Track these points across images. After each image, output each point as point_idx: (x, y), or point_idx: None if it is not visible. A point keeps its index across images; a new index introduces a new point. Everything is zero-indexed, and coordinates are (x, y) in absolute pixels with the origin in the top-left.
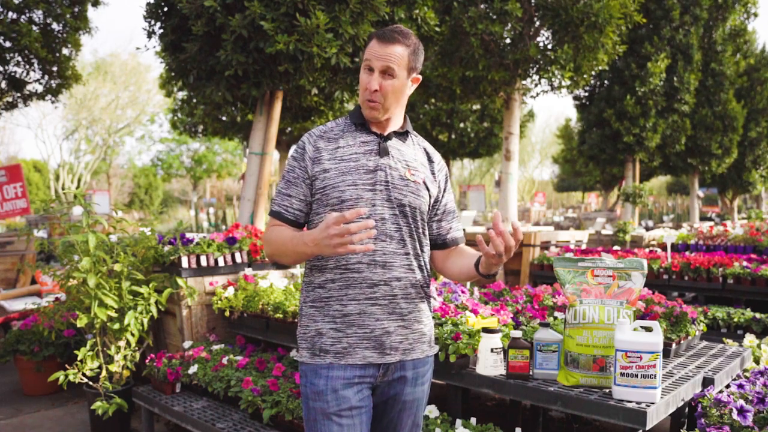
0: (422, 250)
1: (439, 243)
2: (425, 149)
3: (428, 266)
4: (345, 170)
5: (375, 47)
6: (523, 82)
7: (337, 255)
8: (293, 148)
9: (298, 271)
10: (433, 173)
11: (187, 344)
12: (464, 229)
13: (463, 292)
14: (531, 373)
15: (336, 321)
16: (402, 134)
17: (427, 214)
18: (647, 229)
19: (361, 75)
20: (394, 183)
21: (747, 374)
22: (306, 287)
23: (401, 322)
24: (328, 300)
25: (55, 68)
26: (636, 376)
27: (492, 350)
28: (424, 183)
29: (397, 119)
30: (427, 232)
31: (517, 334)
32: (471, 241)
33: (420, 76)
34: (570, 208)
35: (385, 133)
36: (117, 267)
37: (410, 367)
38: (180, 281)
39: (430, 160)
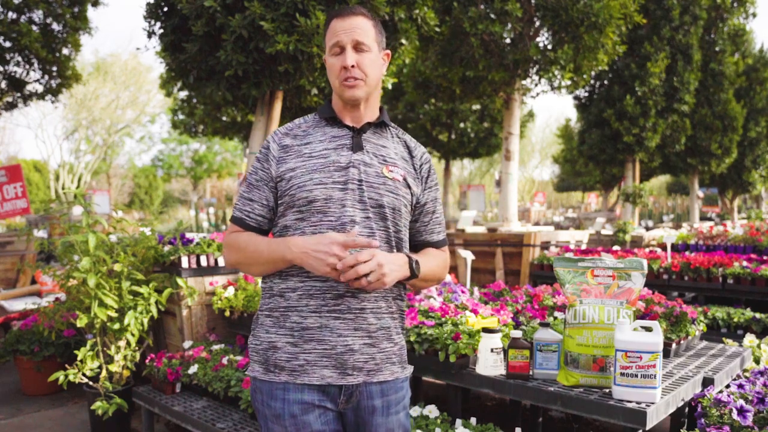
0: None
1: (413, 245)
2: (405, 142)
3: None
4: (313, 168)
5: (338, 25)
6: (523, 82)
7: (320, 272)
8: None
9: None
10: (415, 168)
11: (187, 344)
12: (447, 232)
13: (463, 292)
14: (531, 373)
15: (293, 334)
16: (378, 126)
17: (408, 215)
18: (647, 229)
19: (329, 61)
20: (369, 181)
21: (747, 374)
22: (264, 294)
23: (368, 339)
24: (285, 310)
25: (55, 68)
26: (636, 376)
27: (492, 350)
28: (405, 180)
29: (372, 108)
30: (407, 236)
31: (517, 334)
32: (472, 241)
33: (389, 52)
34: (570, 208)
35: (359, 126)
36: (117, 267)
37: (378, 395)
38: (180, 281)
39: (411, 154)
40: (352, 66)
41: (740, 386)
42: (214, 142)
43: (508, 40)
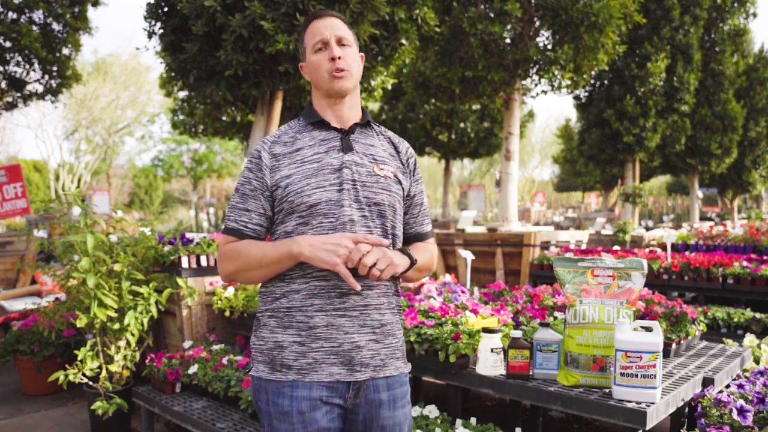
0: None
1: (404, 237)
2: (390, 138)
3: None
4: (308, 173)
5: (319, 24)
6: (523, 82)
7: (328, 264)
8: (247, 158)
9: None
10: (402, 163)
11: (187, 344)
12: (432, 229)
13: (463, 292)
14: (531, 373)
15: (300, 333)
16: (364, 126)
17: (401, 211)
18: (647, 229)
19: (312, 59)
20: (363, 180)
21: (747, 374)
22: (265, 297)
23: (373, 335)
24: (289, 310)
25: (55, 68)
26: (636, 376)
27: (492, 350)
28: (395, 176)
29: (355, 106)
30: (401, 233)
31: (517, 334)
32: (472, 241)
33: (363, 55)
34: (570, 208)
35: (346, 127)
36: (117, 267)
37: (384, 388)
38: (180, 281)
39: (397, 150)
40: (339, 57)
41: (740, 386)
42: (214, 142)
43: (507, 40)
